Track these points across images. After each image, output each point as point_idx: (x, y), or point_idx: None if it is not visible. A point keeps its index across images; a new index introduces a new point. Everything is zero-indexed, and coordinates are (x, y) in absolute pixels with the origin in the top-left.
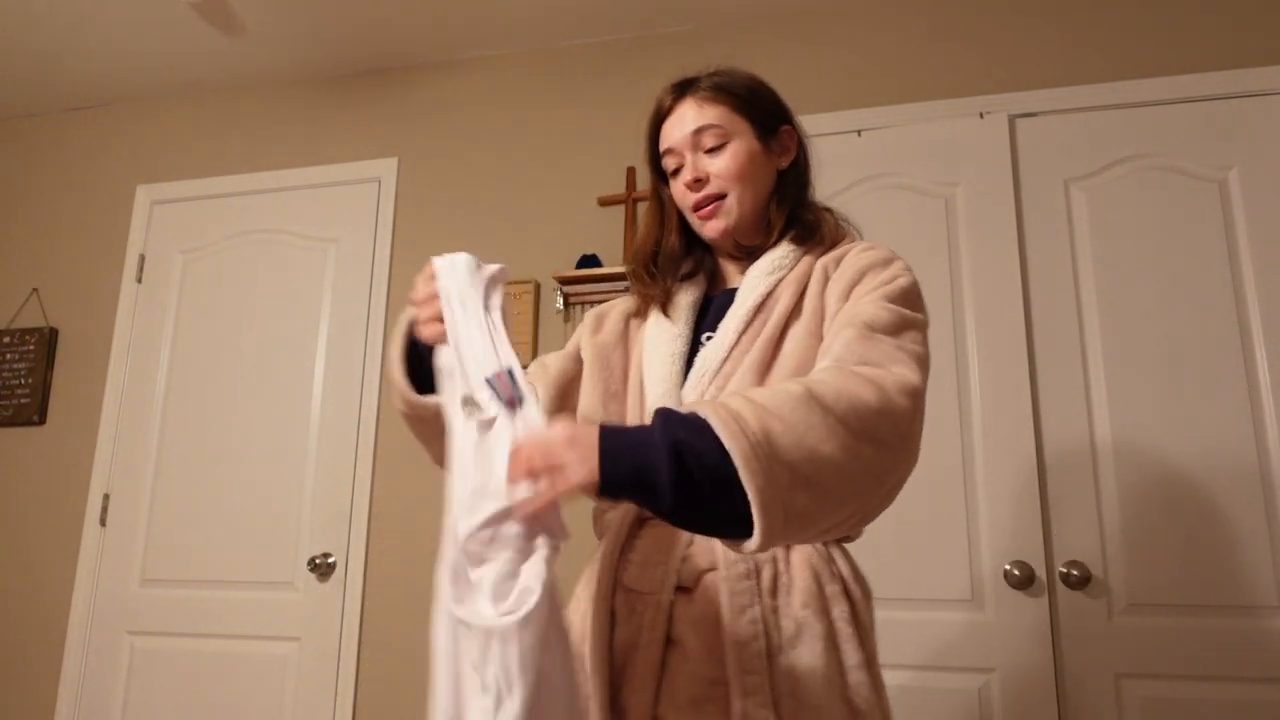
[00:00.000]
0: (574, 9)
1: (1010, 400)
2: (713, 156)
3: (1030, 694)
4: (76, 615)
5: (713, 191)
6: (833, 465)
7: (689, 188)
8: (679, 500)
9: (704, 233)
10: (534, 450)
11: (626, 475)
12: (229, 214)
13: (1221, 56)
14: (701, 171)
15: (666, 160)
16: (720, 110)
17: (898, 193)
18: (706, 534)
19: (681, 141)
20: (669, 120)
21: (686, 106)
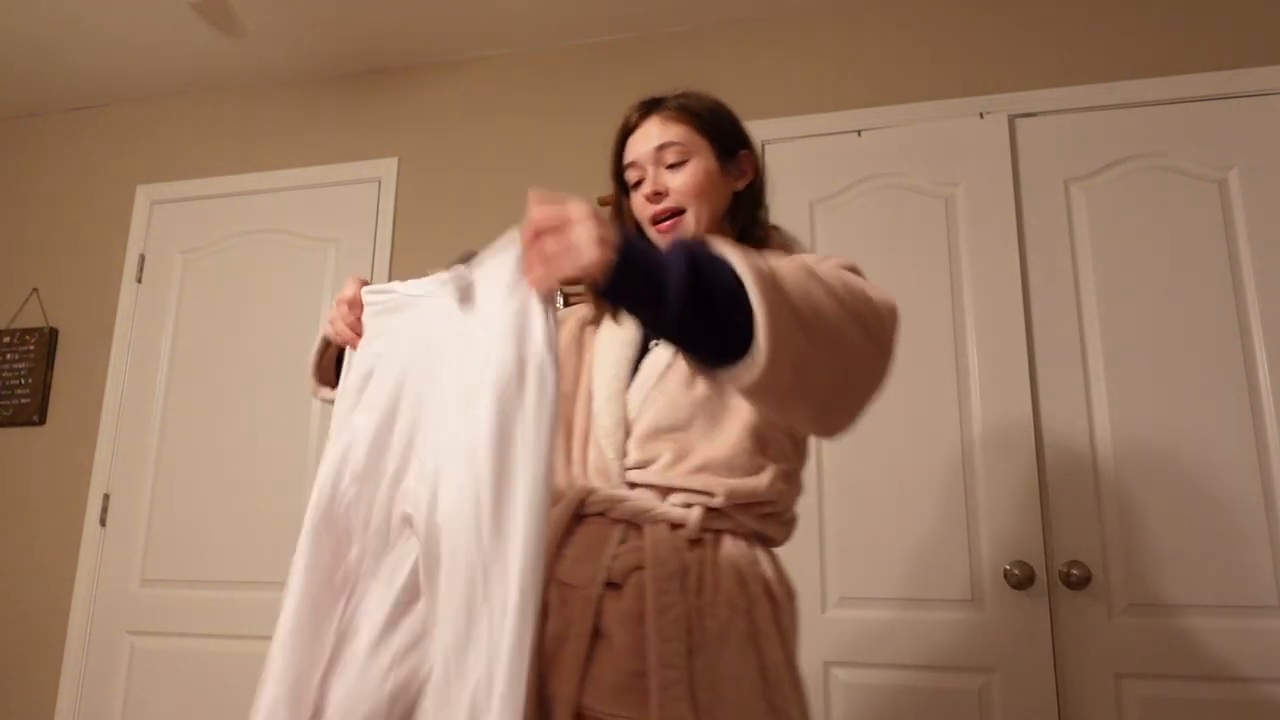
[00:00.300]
0: (574, 9)
1: (1010, 400)
2: (673, 172)
3: (1030, 694)
4: (76, 615)
5: (671, 206)
6: (828, 324)
7: (649, 200)
8: (687, 307)
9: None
10: (554, 216)
11: (639, 271)
12: (229, 214)
13: (1221, 56)
14: (662, 185)
15: (629, 173)
16: (683, 129)
17: (898, 193)
18: (699, 355)
19: (644, 156)
20: (634, 135)
21: (652, 123)
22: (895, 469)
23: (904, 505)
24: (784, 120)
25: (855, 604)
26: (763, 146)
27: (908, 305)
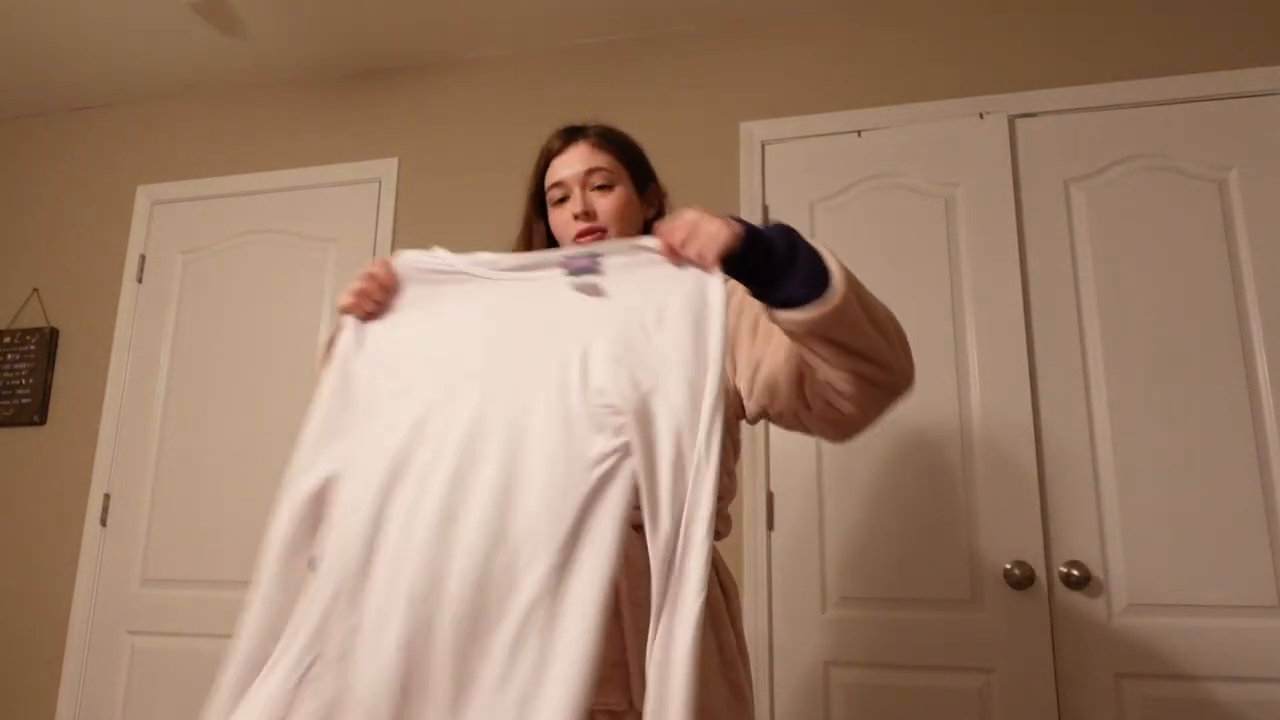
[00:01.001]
0: (574, 9)
1: (1010, 400)
2: (600, 195)
3: (1030, 694)
4: (76, 615)
5: (597, 225)
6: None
7: (577, 217)
8: (785, 264)
9: None
10: (679, 226)
11: (756, 242)
12: (229, 214)
13: (1221, 56)
14: (590, 205)
15: (553, 192)
16: (609, 158)
17: (898, 193)
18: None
19: (573, 176)
20: (562, 157)
21: (581, 148)
22: (895, 469)
23: (904, 505)
24: (784, 120)
25: (855, 604)
26: (763, 146)
27: (908, 305)
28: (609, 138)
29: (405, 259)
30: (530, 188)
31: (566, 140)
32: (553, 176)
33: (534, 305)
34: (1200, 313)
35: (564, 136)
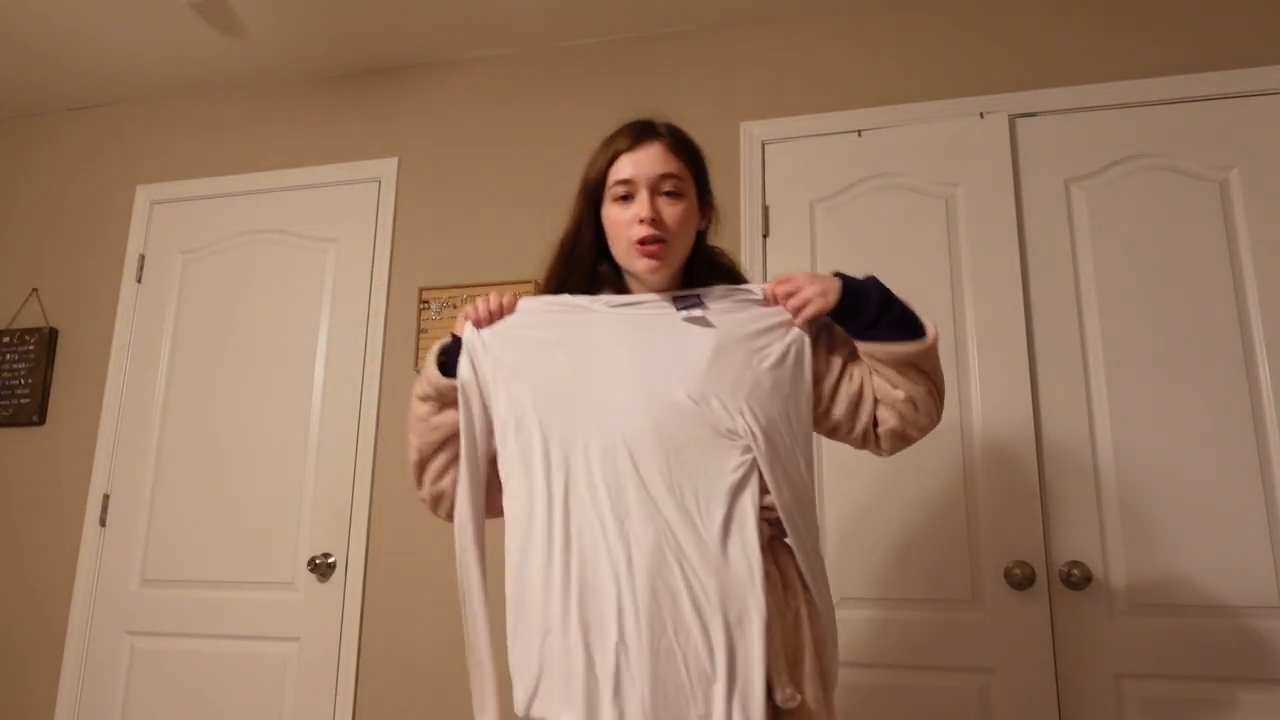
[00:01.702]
0: (574, 9)
1: (1010, 400)
2: (668, 202)
3: (1030, 694)
4: (76, 615)
5: (661, 236)
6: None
7: (643, 221)
8: (879, 316)
9: (637, 266)
10: (797, 281)
11: (857, 297)
12: (229, 214)
13: (1221, 56)
14: (658, 212)
15: (617, 188)
16: (682, 165)
17: (898, 193)
18: (882, 338)
19: (644, 177)
20: (635, 154)
21: (656, 150)
22: (895, 469)
23: (904, 505)
24: (784, 120)
25: (855, 604)
26: (763, 146)
27: None
28: (683, 144)
29: (524, 299)
30: (589, 179)
31: (639, 138)
32: (620, 172)
33: (652, 329)
34: (1200, 313)
35: (636, 133)
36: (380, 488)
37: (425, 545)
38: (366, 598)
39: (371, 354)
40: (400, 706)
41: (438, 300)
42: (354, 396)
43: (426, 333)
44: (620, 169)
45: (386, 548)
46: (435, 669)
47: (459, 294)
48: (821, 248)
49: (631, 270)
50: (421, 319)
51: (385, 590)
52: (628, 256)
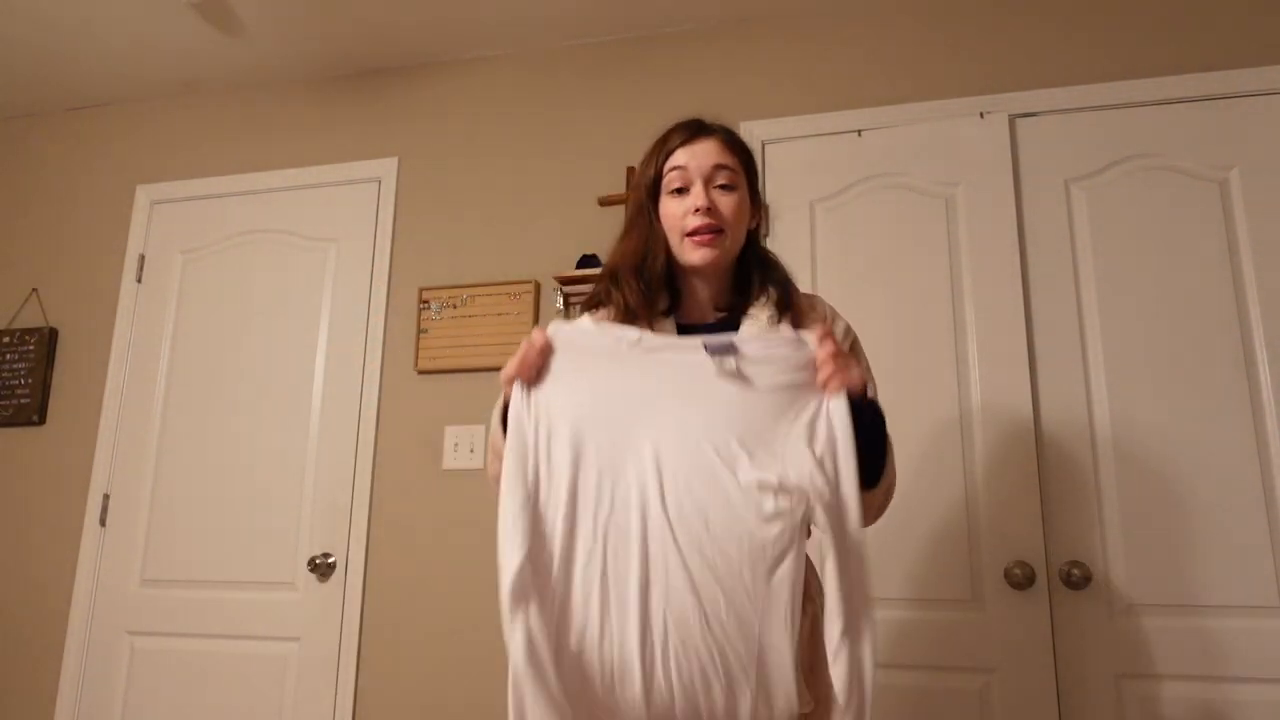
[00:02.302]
0: (574, 9)
1: (1010, 400)
2: (723, 194)
3: (1030, 694)
4: (76, 615)
5: (717, 225)
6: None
7: (697, 211)
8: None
9: (692, 257)
10: (839, 351)
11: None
12: (229, 214)
13: (1221, 56)
14: (714, 201)
15: (672, 177)
16: (736, 160)
17: (898, 193)
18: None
19: (698, 168)
20: (690, 147)
21: (711, 142)
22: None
23: (904, 505)
24: (784, 120)
25: None
26: (763, 146)
27: (908, 305)
28: (736, 141)
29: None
30: (644, 178)
31: (693, 134)
32: (678, 161)
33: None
34: (1200, 312)
35: (689, 130)
36: (380, 488)
37: (425, 545)
38: (366, 598)
39: (371, 354)
40: (400, 706)
41: (438, 300)
42: (354, 396)
43: (426, 333)
44: (674, 160)
45: (386, 548)
46: (435, 669)
47: (459, 294)
48: (821, 248)
49: (686, 261)
50: (421, 319)
51: (385, 590)
52: (681, 248)
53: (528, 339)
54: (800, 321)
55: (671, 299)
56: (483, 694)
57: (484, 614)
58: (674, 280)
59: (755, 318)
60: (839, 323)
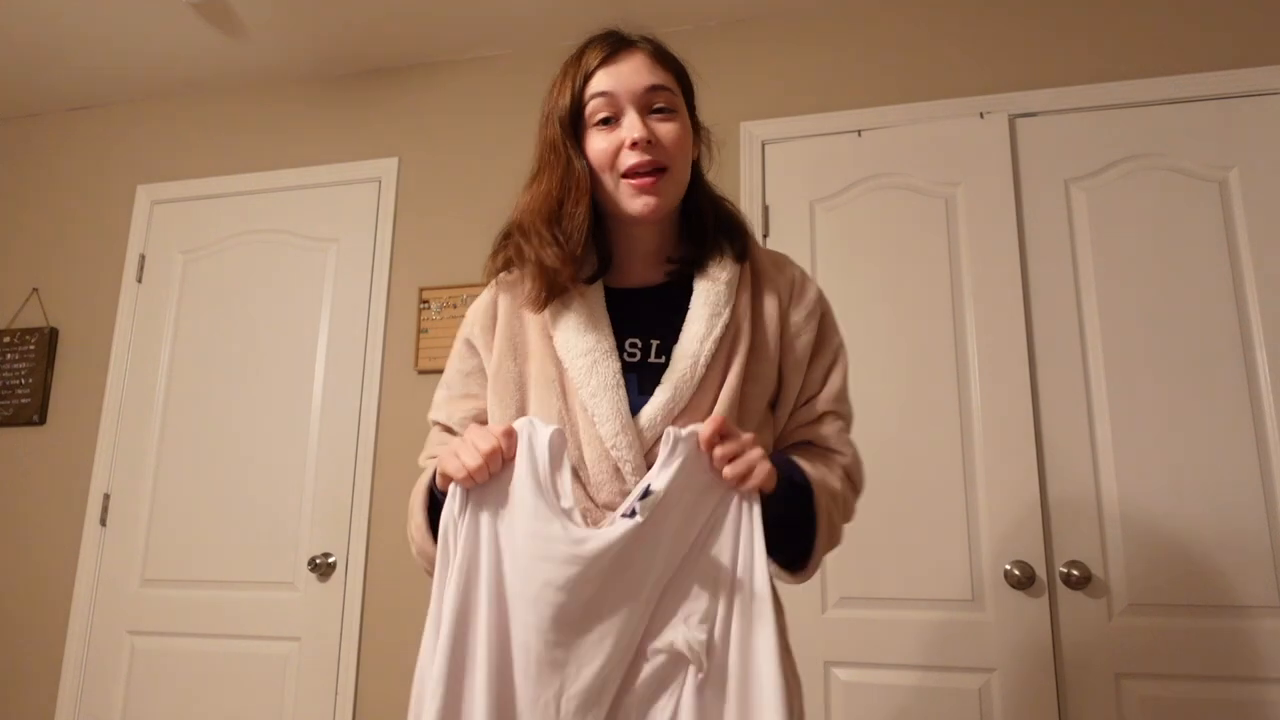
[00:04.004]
0: (574, 9)
1: (1010, 400)
2: (660, 120)
3: (1030, 694)
4: (76, 615)
5: (659, 160)
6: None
7: (633, 146)
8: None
9: (631, 205)
10: (734, 432)
11: (780, 498)
12: (229, 214)
13: (1221, 56)
14: (651, 132)
15: (595, 104)
16: (670, 76)
17: (898, 193)
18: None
19: (628, 92)
20: (614, 66)
21: (638, 59)
22: (895, 469)
23: (904, 505)
24: (784, 120)
25: (855, 604)
26: (763, 146)
27: (908, 305)
28: (666, 53)
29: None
30: (561, 112)
31: (614, 48)
32: (599, 85)
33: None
34: (1200, 312)
35: (608, 44)
36: (380, 488)
37: None
38: (366, 598)
39: (371, 354)
40: (400, 706)
41: (438, 300)
42: (354, 396)
43: (427, 333)
44: (598, 83)
45: (386, 548)
46: None
47: (459, 294)
48: (821, 248)
49: (626, 210)
50: (421, 319)
51: (385, 590)
52: (617, 194)
53: (495, 435)
54: (763, 290)
55: (601, 259)
56: None
57: None
58: (603, 234)
59: (712, 287)
60: (809, 290)
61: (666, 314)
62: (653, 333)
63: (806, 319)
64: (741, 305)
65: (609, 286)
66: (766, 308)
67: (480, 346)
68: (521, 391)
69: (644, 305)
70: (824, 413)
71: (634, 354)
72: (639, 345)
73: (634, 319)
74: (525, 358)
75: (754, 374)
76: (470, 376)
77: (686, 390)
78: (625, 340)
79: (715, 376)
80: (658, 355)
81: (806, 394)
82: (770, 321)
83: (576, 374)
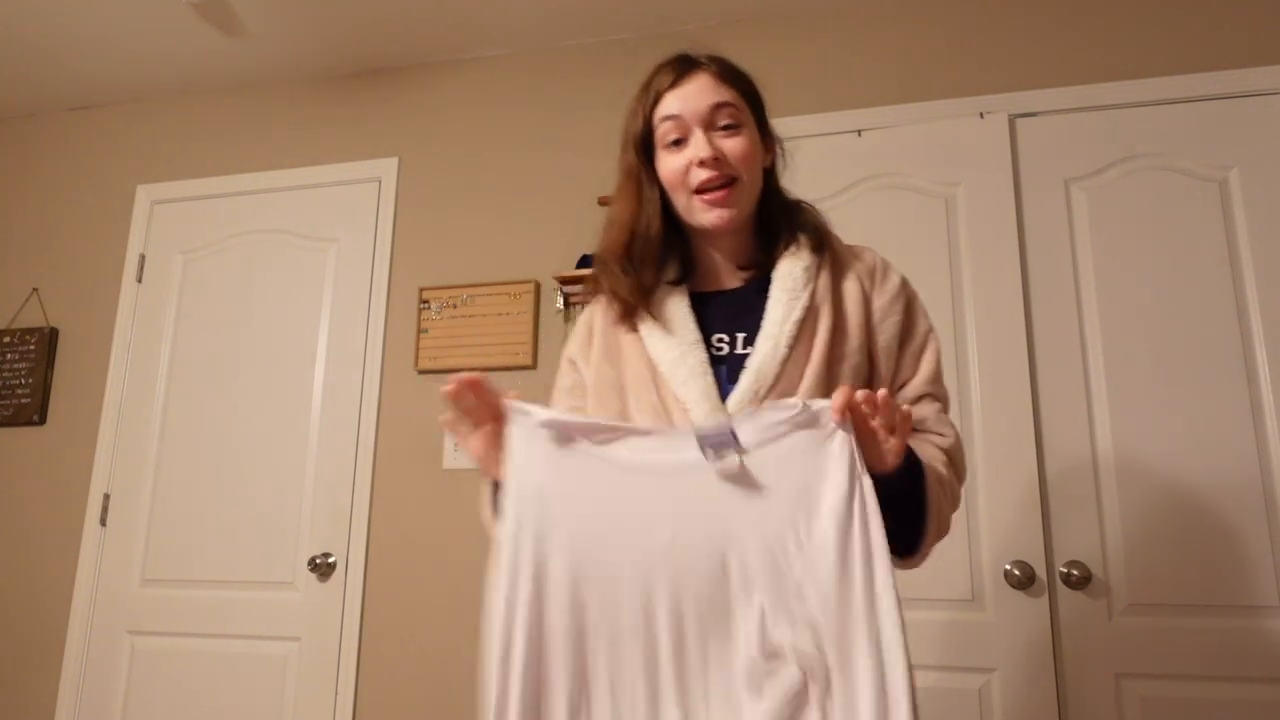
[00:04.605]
0: (574, 9)
1: (1010, 400)
2: (727, 136)
3: (1030, 694)
4: (76, 615)
5: (727, 173)
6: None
7: (701, 164)
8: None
9: (704, 219)
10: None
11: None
12: (229, 214)
13: (1221, 56)
14: (717, 149)
15: (665, 128)
16: (735, 94)
17: (898, 193)
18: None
19: (694, 113)
20: (679, 89)
21: (703, 80)
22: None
23: None
24: (784, 120)
25: None
26: None
27: None
28: (732, 70)
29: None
30: (634, 132)
31: (681, 72)
32: (668, 109)
33: (678, 498)
34: (1200, 312)
35: (676, 68)
36: (380, 488)
37: (425, 545)
38: (366, 598)
39: (371, 354)
40: (400, 706)
41: (438, 300)
42: (354, 396)
43: (427, 333)
44: (666, 106)
45: (386, 548)
46: (435, 669)
47: (459, 294)
48: None
49: (698, 224)
50: (421, 319)
51: (385, 590)
52: (690, 210)
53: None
54: (843, 275)
55: (684, 266)
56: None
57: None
58: (683, 244)
59: (789, 273)
60: (892, 276)
61: (750, 310)
62: (738, 326)
63: (890, 303)
64: (820, 289)
65: (693, 292)
66: (847, 292)
67: (580, 362)
68: (620, 394)
69: (727, 304)
70: (920, 395)
71: (721, 348)
72: (726, 339)
73: (719, 317)
74: (621, 364)
75: (839, 354)
76: (572, 391)
77: (770, 371)
78: (712, 336)
79: (799, 357)
80: (744, 346)
81: (900, 379)
82: (852, 305)
83: (667, 368)
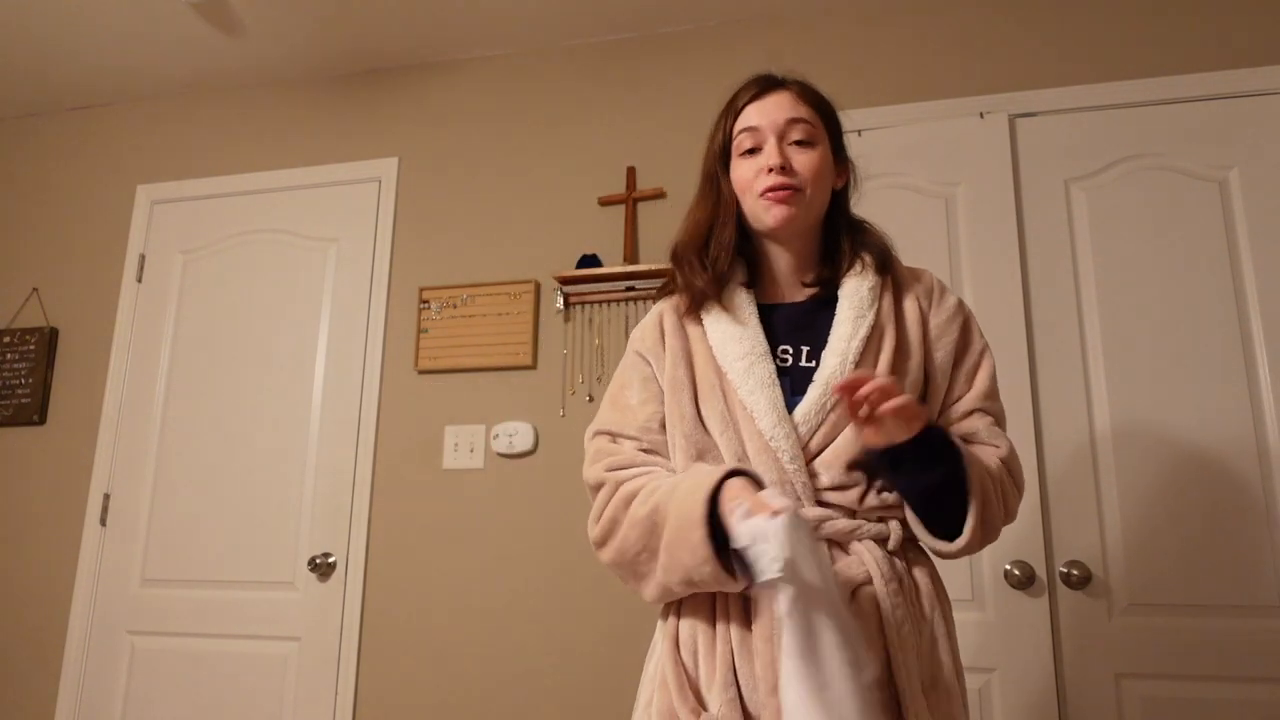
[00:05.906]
0: (574, 9)
1: (1010, 400)
2: (799, 150)
3: (1030, 694)
4: (76, 615)
5: (793, 183)
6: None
7: (770, 170)
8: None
9: (765, 217)
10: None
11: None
12: (229, 214)
13: (1221, 56)
14: (786, 159)
15: (742, 138)
16: (812, 112)
17: (898, 193)
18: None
19: (771, 124)
20: (760, 103)
21: (784, 95)
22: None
23: None
24: None
25: None
26: None
27: None
28: (812, 92)
29: None
30: (715, 146)
31: (763, 88)
32: (748, 120)
33: None
34: (1200, 312)
35: (759, 85)
36: (380, 488)
37: (425, 545)
38: (366, 598)
39: (371, 354)
40: (400, 706)
41: (438, 300)
42: (354, 396)
43: (427, 332)
44: (744, 120)
45: (386, 548)
46: (435, 668)
47: (459, 294)
48: None
49: (761, 224)
50: (421, 319)
51: (385, 590)
52: (756, 212)
53: None
54: (903, 295)
55: (751, 274)
56: (483, 693)
57: (484, 613)
58: (752, 254)
59: (856, 291)
60: (949, 297)
61: (812, 324)
62: (801, 339)
63: (947, 323)
64: (884, 309)
65: (759, 303)
66: (908, 311)
67: (651, 357)
68: (693, 396)
69: (792, 318)
70: (971, 410)
71: (785, 359)
72: (790, 351)
73: (784, 329)
74: (691, 365)
75: (900, 371)
76: (648, 382)
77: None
78: (776, 348)
79: None
80: (808, 360)
81: (954, 395)
82: (912, 324)
83: (735, 376)
